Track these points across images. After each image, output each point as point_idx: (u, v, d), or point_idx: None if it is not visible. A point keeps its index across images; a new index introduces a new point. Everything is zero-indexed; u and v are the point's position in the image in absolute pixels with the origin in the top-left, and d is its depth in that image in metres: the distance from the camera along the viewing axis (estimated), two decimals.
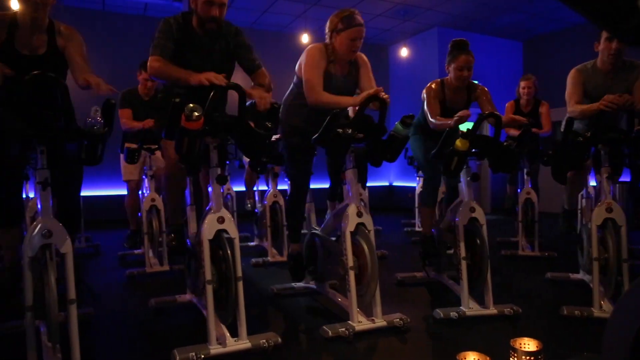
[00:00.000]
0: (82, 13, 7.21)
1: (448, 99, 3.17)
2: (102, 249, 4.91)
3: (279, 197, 4.35)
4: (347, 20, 2.61)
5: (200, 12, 2.43)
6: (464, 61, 3.05)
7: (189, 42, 2.49)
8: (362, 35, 2.65)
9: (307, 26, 7.80)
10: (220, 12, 2.43)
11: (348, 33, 2.60)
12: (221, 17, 2.45)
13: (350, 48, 2.65)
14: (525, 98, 4.69)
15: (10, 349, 2.25)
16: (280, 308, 2.90)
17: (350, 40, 2.62)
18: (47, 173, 1.88)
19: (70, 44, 2.42)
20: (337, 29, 2.64)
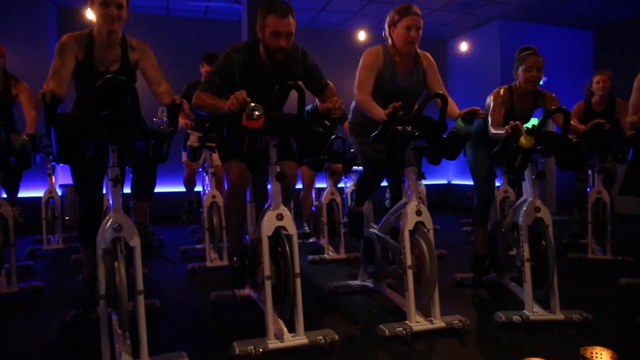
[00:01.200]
0: (147, 18, 7.56)
1: (516, 106, 3.05)
2: (165, 243, 5.13)
3: (336, 195, 4.36)
4: (403, 10, 2.65)
5: (268, 42, 2.41)
6: (534, 61, 2.94)
7: (253, 73, 2.48)
8: (418, 25, 2.64)
9: (364, 23, 7.75)
10: (288, 43, 2.41)
11: (403, 22, 2.63)
12: (289, 46, 2.43)
13: (406, 38, 2.64)
14: (600, 94, 4.33)
15: (87, 334, 2.42)
16: (336, 305, 2.91)
17: (406, 29, 2.62)
18: (118, 171, 1.99)
19: (144, 59, 2.49)
20: (394, 22, 2.68)
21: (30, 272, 3.89)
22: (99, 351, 1.94)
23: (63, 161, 2.01)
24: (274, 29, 2.37)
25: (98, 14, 2.33)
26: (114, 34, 2.40)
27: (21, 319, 2.76)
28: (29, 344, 2.36)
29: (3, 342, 2.40)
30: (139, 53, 2.49)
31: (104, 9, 2.30)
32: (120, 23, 2.36)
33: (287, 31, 2.39)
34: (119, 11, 2.33)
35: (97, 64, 2.41)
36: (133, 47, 2.49)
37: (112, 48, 2.44)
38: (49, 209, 5.02)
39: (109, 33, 2.38)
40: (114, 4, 2.30)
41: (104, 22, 2.33)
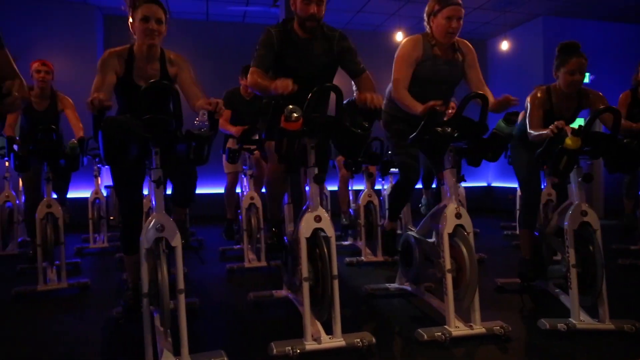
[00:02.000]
0: (187, 24, 7.76)
1: (555, 107, 2.89)
2: (205, 244, 5.24)
3: (374, 197, 4.34)
4: (444, 0, 2.59)
5: (299, 12, 2.50)
6: (576, 64, 2.72)
7: (290, 46, 2.57)
8: (459, 15, 2.60)
9: (402, 24, 7.68)
10: (319, 10, 2.48)
11: (444, 12, 2.58)
12: (320, 14, 2.49)
13: (446, 29, 2.60)
14: None
15: (130, 330, 2.50)
16: (374, 308, 2.89)
17: (446, 19, 2.58)
18: (161, 172, 2.05)
19: (182, 73, 2.52)
20: (434, 11, 2.63)
21: (78, 269, 4.05)
22: (141, 347, 2.00)
23: (109, 163, 2.08)
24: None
25: (138, 29, 2.38)
26: (154, 48, 2.44)
27: (70, 314, 2.89)
28: (77, 337, 2.47)
29: (53, 334, 2.52)
30: (177, 68, 2.53)
31: (144, 24, 2.34)
32: (159, 38, 2.40)
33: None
34: (159, 26, 2.36)
35: (137, 78, 2.46)
36: (171, 61, 2.53)
37: (151, 63, 2.48)
38: (95, 209, 5.22)
39: (149, 48, 2.42)
40: (153, 18, 2.34)
41: (144, 37, 2.37)
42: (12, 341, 2.41)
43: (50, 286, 3.30)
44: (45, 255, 3.35)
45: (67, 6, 7.13)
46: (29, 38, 6.91)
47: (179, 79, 2.52)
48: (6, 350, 2.30)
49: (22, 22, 6.89)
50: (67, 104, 4.14)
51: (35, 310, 2.96)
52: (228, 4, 7.38)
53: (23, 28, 6.87)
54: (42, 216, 3.36)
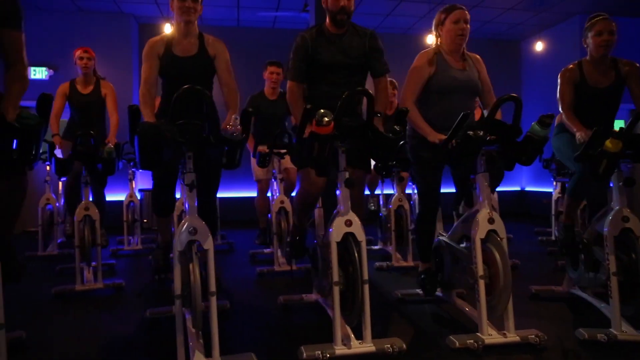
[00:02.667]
0: (219, 30, 7.87)
1: (589, 79, 2.83)
2: (235, 247, 5.30)
3: (404, 202, 4.29)
4: (448, 8, 2.68)
5: (330, 6, 2.60)
6: (603, 25, 2.76)
7: (323, 42, 2.66)
8: (466, 18, 2.64)
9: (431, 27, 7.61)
10: (349, 3, 2.57)
11: (450, 17, 2.64)
12: (349, 7, 2.58)
13: (456, 32, 2.64)
14: None
15: (162, 331, 2.54)
16: (404, 314, 2.85)
17: (454, 23, 2.63)
18: (194, 176, 2.08)
19: (219, 55, 2.73)
20: (441, 21, 2.70)
21: (113, 270, 4.16)
22: (173, 347, 2.04)
23: (144, 167, 2.14)
24: None
25: (176, 7, 2.59)
26: (191, 25, 2.66)
27: (105, 313, 2.97)
28: (111, 336, 2.53)
29: (88, 332, 2.59)
30: (214, 49, 2.73)
31: (181, 2, 2.56)
32: (195, 15, 2.62)
33: None
34: (194, 4, 2.58)
35: (177, 51, 2.68)
36: (209, 42, 2.73)
37: (189, 38, 2.68)
38: (129, 212, 5.36)
39: (186, 24, 2.63)
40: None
41: (182, 14, 2.60)
42: (52, 338, 2.49)
43: (87, 286, 3.40)
44: (83, 256, 3.46)
45: (105, 16, 7.38)
46: (69, 49, 7.14)
47: (217, 61, 2.72)
48: (46, 346, 2.38)
49: (62, 33, 7.16)
50: (109, 89, 4.40)
51: (74, 309, 3.06)
52: (259, 10, 7.48)
53: (63, 39, 7.13)
54: (80, 218, 3.47)
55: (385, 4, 7.25)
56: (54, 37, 7.11)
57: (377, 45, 2.72)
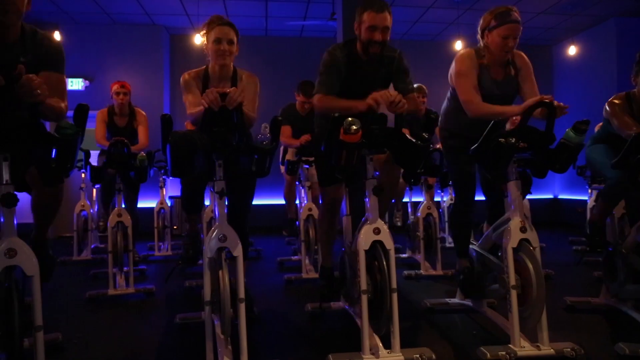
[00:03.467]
0: (248, 40, 7.99)
1: (637, 115, 2.73)
2: (263, 254, 5.33)
3: (433, 209, 4.24)
4: (501, 16, 2.49)
5: (364, 37, 2.51)
6: None
7: (354, 68, 2.60)
8: (516, 34, 2.50)
9: (461, 32, 7.53)
10: (384, 37, 2.49)
11: (500, 30, 2.49)
12: (384, 40, 2.51)
13: (502, 47, 2.52)
14: None
15: (191, 337, 2.57)
16: (433, 323, 2.81)
17: (503, 38, 2.49)
18: (224, 184, 2.11)
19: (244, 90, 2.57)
20: (490, 27, 2.55)
21: (144, 276, 4.25)
22: (203, 353, 2.06)
23: (175, 175, 2.18)
24: (370, 24, 2.46)
25: (211, 50, 2.53)
26: (226, 68, 2.59)
27: (136, 318, 3.03)
28: (142, 340, 2.59)
29: (120, 336, 2.65)
30: (243, 85, 2.63)
31: (216, 46, 2.49)
32: (230, 58, 2.55)
33: (383, 25, 2.47)
34: (230, 47, 2.51)
35: None
36: (242, 79, 2.65)
37: (223, 82, 2.61)
38: (160, 219, 5.47)
39: (221, 67, 2.57)
40: (225, 40, 2.49)
41: (217, 58, 2.52)
42: (86, 341, 2.55)
43: (119, 291, 3.48)
44: (115, 261, 3.54)
45: (138, 28, 7.60)
46: (104, 60, 7.43)
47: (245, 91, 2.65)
48: (81, 348, 2.44)
49: (98, 45, 7.42)
50: (141, 119, 4.53)
51: (106, 312, 3.14)
52: (287, 19, 7.56)
53: (99, 51, 7.40)
54: (113, 224, 3.56)
55: (413, 11, 7.23)
56: (90, 49, 7.36)
57: (404, 66, 2.66)
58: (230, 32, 2.51)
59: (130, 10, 7.10)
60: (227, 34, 2.49)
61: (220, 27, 2.49)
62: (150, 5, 6.96)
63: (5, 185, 1.70)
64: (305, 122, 4.47)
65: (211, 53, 2.54)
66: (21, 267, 1.69)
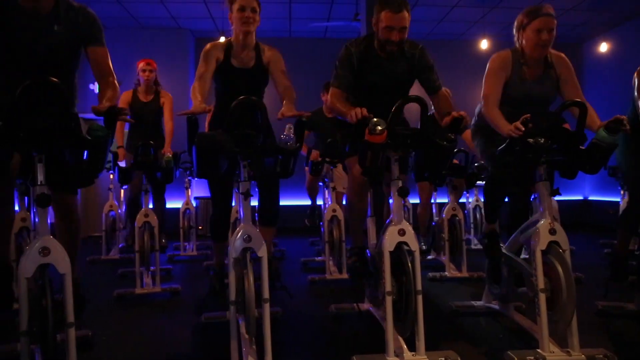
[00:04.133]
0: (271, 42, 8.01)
1: None
2: (287, 254, 5.35)
3: (458, 211, 4.18)
4: (533, 12, 2.45)
5: (381, 36, 2.52)
6: None
7: (370, 63, 2.60)
8: (550, 26, 2.43)
9: (486, 31, 7.42)
10: (401, 37, 2.49)
11: (533, 25, 2.43)
12: (401, 40, 2.51)
13: (536, 42, 2.45)
14: None
15: (216, 336, 2.59)
16: (459, 326, 2.77)
17: (536, 31, 2.43)
18: (249, 185, 2.13)
19: (274, 62, 2.77)
20: (523, 25, 2.49)
21: (170, 275, 4.31)
22: (227, 352, 2.08)
23: (201, 176, 2.21)
24: (387, 24, 2.45)
25: (235, 18, 2.65)
26: (250, 35, 2.70)
27: (162, 316, 3.09)
28: (168, 338, 2.63)
29: (147, 334, 2.71)
30: (270, 56, 2.78)
31: (240, 13, 2.61)
32: (254, 25, 2.66)
33: (400, 25, 2.46)
34: (253, 14, 2.63)
35: (233, 61, 2.72)
36: (265, 51, 2.79)
37: (247, 50, 2.73)
38: (185, 219, 5.55)
39: (245, 35, 2.67)
40: (249, 7, 2.60)
41: (241, 25, 2.64)
42: (115, 338, 2.61)
43: (146, 290, 3.54)
44: (142, 261, 3.61)
45: (164, 32, 7.75)
46: (132, 63, 7.55)
47: (271, 68, 2.76)
48: (109, 345, 2.49)
49: (126, 49, 7.57)
50: (167, 98, 4.68)
51: (133, 311, 3.20)
52: (310, 20, 7.58)
53: (127, 55, 7.53)
54: (140, 224, 3.63)
55: (438, 10, 7.16)
56: (118, 53, 7.50)
57: (426, 62, 2.62)
58: (252, 1, 2.62)
59: (157, 15, 7.24)
60: (250, 2, 2.61)
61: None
62: (177, 9, 7.08)
63: (40, 186, 1.75)
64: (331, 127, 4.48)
65: (235, 21, 2.65)
66: (54, 265, 1.73)
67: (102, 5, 6.81)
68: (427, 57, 2.63)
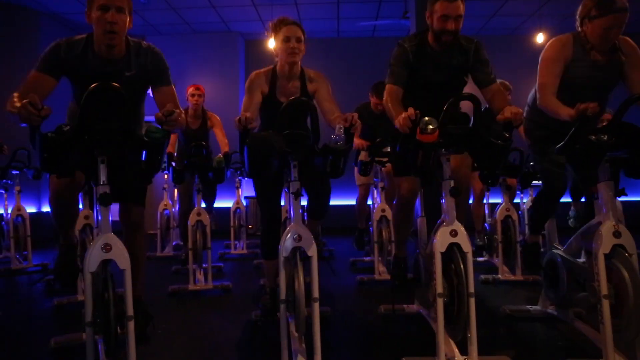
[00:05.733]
0: (320, 42, 8.10)
1: None
2: (335, 254, 5.36)
3: (512, 212, 4.04)
4: (604, 5, 2.28)
5: (436, 27, 2.48)
6: None
7: (424, 59, 2.57)
8: (621, 24, 2.29)
9: (543, 24, 7.12)
10: (456, 25, 2.45)
11: (602, 21, 2.29)
12: (457, 29, 2.46)
13: (603, 39, 2.34)
14: None
15: (266, 333, 2.65)
16: (513, 331, 2.68)
17: (605, 29, 2.30)
18: (299, 184, 2.15)
19: (320, 90, 2.68)
20: (590, 16, 2.35)
21: (221, 273, 4.43)
22: (277, 349, 2.10)
23: (252, 176, 2.25)
24: (442, 13, 2.42)
25: (280, 49, 2.60)
26: (295, 66, 2.64)
27: (214, 312, 3.17)
28: (219, 334, 2.70)
29: (199, 329, 2.79)
30: (315, 84, 2.69)
31: (285, 44, 2.56)
32: (299, 55, 2.60)
33: (456, 14, 2.42)
34: (299, 44, 2.57)
35: (279, 95, 2.66)
36: (311, 78, 2.70)
37: (292, 80, 2.67)
38: (236, 218, 5.68)
39: (290, 66, 2.62)
40: (294, 38, 2.56)
41: (287, 56, 2.58)
42: (169, 332, 2.71)
43: (199, 286, 3.65)
44: (195, 258, 3.72)
45: (215, 36, 7.98)
46: (184, 67, 7.85)
47: (317, 94, 2.68)
48: (164, 338, 2.59)
49: (179, 54, 7.86)
50: (216, 122, 4.69)
51: (186, 307, 3.31)
52: (359, 20, 7.56)
53: (181, 59, 7.82)
54: (193, 223, 3.74)
55: (490, 4, 6.95)
56: (173, 57, 7.69)
57: (482, 56, 2.57)
58: (297, 30, 2.58)
59: (209, 19, 7.46)
60: (295, 32, 2.56)
61: (288, 27, 2.57)
62: (227, 13, 7.26)
63: (102, 186, 1.84)
64: (380, 120, 4.44)
65: (281, 52, 2.60)
66: (115, 260, 1.81)
67: (159, 12, 7.10)
68: (483, 51, 2.58)
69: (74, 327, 2.43)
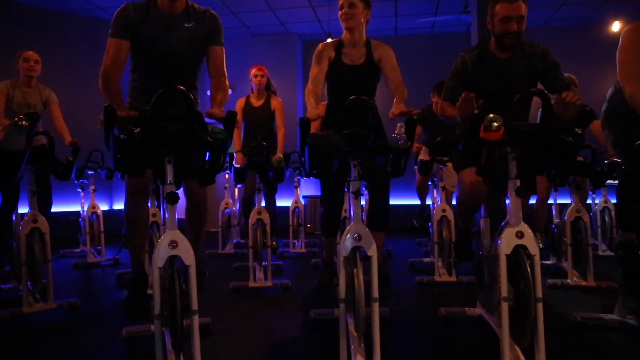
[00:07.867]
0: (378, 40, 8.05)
1: None
2: (394, 254, 5.30)
3: (583, 213, 3.81)
4: None
5: (498, 30, 2.44)
6: None
7: (487, 68, 2.53)
8: None
9: (618, 12, 6.66)
10: (519, 27, 2.39)
11: None
12: (520, 31, 2.40)
13: None
14: None
15: (324, 332, 2.67)
16: (584, 340, 2.52)
17: None
18: (359, 184, 2.14)
19: (385, 58, 2.81)
20: None
21: (280, 271, 4.50)
22: (336, 349, 2.11)
23: (313, 175, 2.27)
24: (503, 15, 2.39)
25: (340, 17, 2.76)
26: (355, 31, 2.77)
27: (273, 310, 3.22)
28: (279, 331, 2.75)
29: (259, 325, 2.85)
30: (381, 52, 2.82)
31: (340, 12, 2.74)
32: (353, 21, 2.74)
33: (518, 14, 2.37)
34: (351, 9, 2.71)
35: (345, 59, 2.80)
36: (376, 46, 2.83)
37: (357, 47, 2.81)
38: (294, 217, 5.75)
39: (350, 32, 2.76)
40: (346, 4, 2.71)
41: (342, 22, 2.74)
42: (231, 327, 2.79)
43: (258, 284, 3.73)
44: (255, 256, 3.81)
45: (273, 37, 8.13)
46: (244, 69, 8.03)
47: (382, 62, 2.81)
48: (226, 333, 2.67)
49: (239, 57, 8.06)
50: (278, 104, 4.82)
51: (247, 303, 3.39)
52: (417, 16, 7.43)
53: (240, 62, 8.02)
54: (253, 222, 3.83)
55: None
56: (232, 60, 7.91)
57: (552, 61, 2.49)
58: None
59: (267, 22, 7.61)
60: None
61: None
62: (285, 15, 7.38)
63: (169, 185, 1.93)
64: (442, 123, 4.36)
65: (340, 20, 2.75)
66: (181, 257, 1.89)
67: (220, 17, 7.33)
68: (551, 55, 2.50)
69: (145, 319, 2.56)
